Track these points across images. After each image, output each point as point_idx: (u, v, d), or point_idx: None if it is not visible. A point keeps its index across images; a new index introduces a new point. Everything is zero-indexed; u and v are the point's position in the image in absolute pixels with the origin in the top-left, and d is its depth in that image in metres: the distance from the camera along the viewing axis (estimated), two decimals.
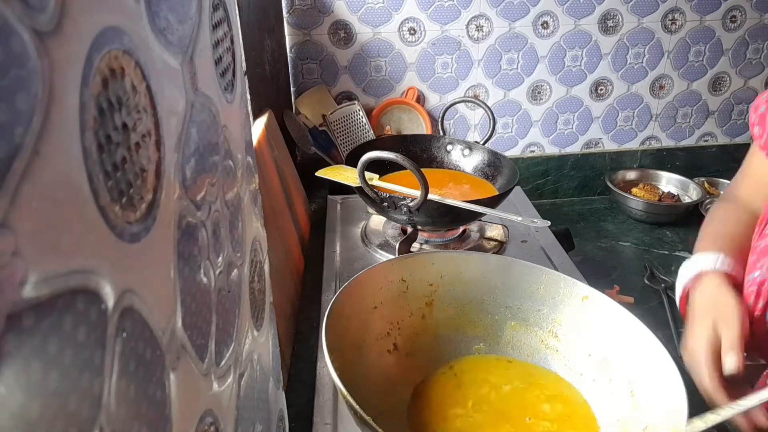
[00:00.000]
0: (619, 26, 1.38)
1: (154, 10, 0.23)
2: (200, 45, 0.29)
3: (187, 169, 0.27)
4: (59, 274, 0.16)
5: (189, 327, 0.26)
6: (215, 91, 0.32)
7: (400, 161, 0.72)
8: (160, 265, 0.23)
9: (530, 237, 0.96)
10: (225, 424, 0.32)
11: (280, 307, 0.69)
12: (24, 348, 0.14)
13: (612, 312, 0.58)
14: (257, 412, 0.41)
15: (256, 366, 0.41)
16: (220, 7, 0.34)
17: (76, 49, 0.17)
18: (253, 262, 0.41)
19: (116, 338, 0.19)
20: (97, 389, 0.18)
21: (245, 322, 0.38)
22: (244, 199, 0.39)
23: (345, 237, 0.97)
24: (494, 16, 1.33)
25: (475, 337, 0.64)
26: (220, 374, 0.31)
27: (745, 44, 1.45)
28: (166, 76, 0.24)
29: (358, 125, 1.31)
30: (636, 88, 1.46)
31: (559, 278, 0.62)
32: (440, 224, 0.91)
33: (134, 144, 0.21)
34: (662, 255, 1.24)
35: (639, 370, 0.54)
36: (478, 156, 1.04)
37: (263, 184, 0.63)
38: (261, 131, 0.84)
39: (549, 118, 1.46)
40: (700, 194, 1.36)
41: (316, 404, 0.62)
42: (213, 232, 0.31)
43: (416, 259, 0.64)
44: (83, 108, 0.17)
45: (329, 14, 1.29)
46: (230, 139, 0.35)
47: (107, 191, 0.18)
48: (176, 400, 0.24)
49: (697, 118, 1.53)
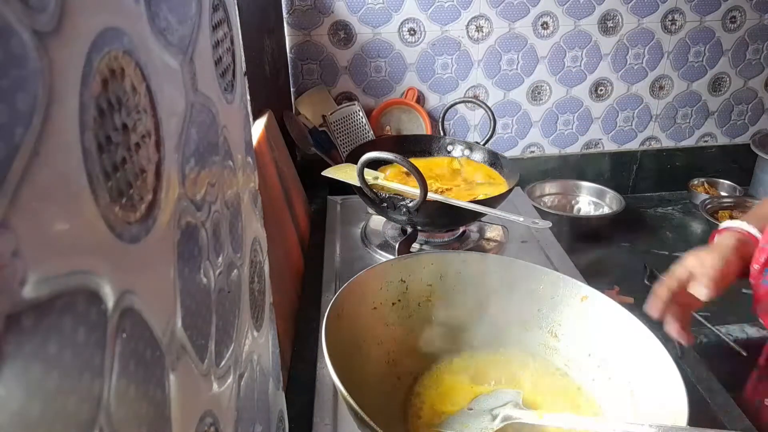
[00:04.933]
0: (619, 27, 1.38)
1: (154, 11, 0.23)
2: (200, 45, 0.29)
3: (187, 170, 0.27)
4: (59, 274, 0.16)
5: (189, 327, 0.26)
6: (215, 91, 0.32)
7: (400, 162, 0.72)
8: (160, 266, 0.23)
9: (530, 237, 0.96)
10: (225, 425, 0.32)
11: (280, 307, 0.69)
12: (24, 348, 0.14)
13: (612, 312, 0.58)
14: (257, 412, 0.41)
15: (255, 366, 0.41)
16: (220, 7, 0.34)
17: (76, 49, 0.17)
18: (253, 262, 0.41)
19: (116, 339, 0.19)
20: (97, 390, 0.18)
21: (245, 323, 0.38)
22: (244, 199, 0.39)
23: (345, 237, 0.97)
24: (494, 16, 1.33)
25: (475, 336, 0.64)
26: (219, 375, 0.31)
27: (744, 45, 1.45)
28: (166, 77, 0.24)
29: (358, 126, 1.31)
30: (636, 88, 1.46)
31: (559, 278, 0.62)
32: (440, 224, 0.91)
33: (134, 144, 0.21)
34: (662, 255, 1.24)
35: (639, 370, 0.54)
36: (479, 156, 1.04)
37: (263, 184, 0.63)
38: (261, 131, 0.84)
39: (549, 118, 1.46)
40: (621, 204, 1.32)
41: (316, 404, 0.62)
42: (213, 233, 0.31)
43: (416, 259, 0.64)
44: (83, 108, 0.17)
45: (329, 15, 1.29)
46: (230, 140, 0.35)
47: (107, 192, 0.18)
48: (176, 400, 0.24)
49: (697, 118, 1.53)
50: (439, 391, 0.59)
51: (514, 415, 0.52)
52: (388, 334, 0.60)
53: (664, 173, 1.55)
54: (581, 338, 0.60)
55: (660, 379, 0.50)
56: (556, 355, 0.62)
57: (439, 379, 0.60)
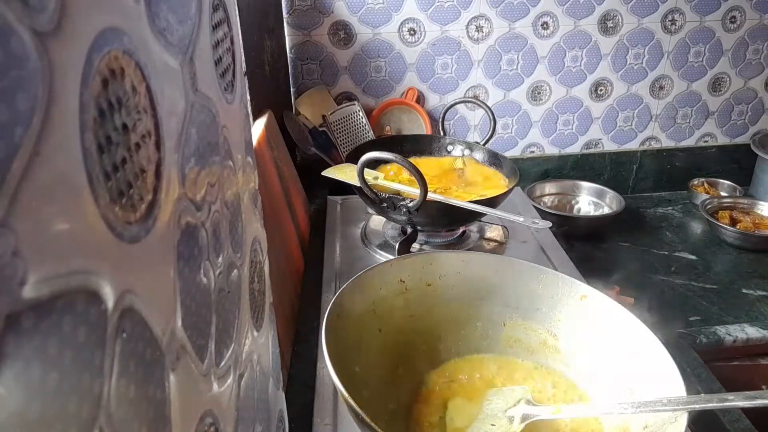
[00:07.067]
0: (619, 27, 1.38)
1: (154, 11, 0.23)
2: (200, 46, 0.29)
3: (187, 170, 0.27)
4: (59, 274, 0.16)
5: (189, 327, 0.26)
6: (215, 91, 0.32)
7: (400, 162, 0.72)
8: (160, 266, 0.23)
9: (530, 237, 0.96)
10: (225, 425, 0.32)
11: (279, 307, 0.69)
12: (24, 349, 0.14)
13: (612, 312, 0.58)
14: (257, 412, 0.41)
15: (255, 366, 0.41)
16: (220, 7, 0.34)
17: (76, 49, 0.17)
18: (253, 262, 0.41)
19: (116, 339, 0.19)
20: (97, 390, 0.18)
21: (245, 323, 0.38)
22: (244, 199, 0.39)
23: (345, 237, 0.97)
24: (494, 16, 1.33)
25: (474, 337, 0.64)
26: (219, 375, 0.31)
27: (744, 45, 1.45)
28: (166, 77, 0.24)
29: (358, 126, 1.31)
30: (636, 88, 1.46)
31: (558, 277, 0.62)
32: (440, 224, 0.91)
33: (134, 144, 0.21)
34: (662, 255, 1.24)
35: (639, 369, 0.54)
36: (479, 156, 1.04)
37: (263, 184, 0.63)
38: (261, 131, 0.84)
39: (549, 118, 1.46)
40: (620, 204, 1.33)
41: (316, 404, 0.62)
42: (213, 233, 0.31)
43: (415, 259, 0.64)
44: (83, 108, 0.17)
45: (329, 15, 1.29)
46: (230, 140, 0.35)
47: (107, 192, 0.18)
48: (176, 400, 0.24)
49: (697, 118, 1.53)
50: (439, 390, 0.59)
51: (532, 413, 0.51)
52: (388, 334, 0.60)
53: (664, 173, 1.55)
54: (581, 338, 0.60)
55: (659, 379, 0.50)
56: (556, 354, 0.62)
57: (439, 378, 0.60)
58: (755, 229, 1.27)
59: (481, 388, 0.59)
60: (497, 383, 0.60)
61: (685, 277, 1.15)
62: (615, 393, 0.55)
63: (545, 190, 1.44)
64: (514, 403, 0.54)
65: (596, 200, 1.42)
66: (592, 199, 1.43)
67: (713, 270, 1.18)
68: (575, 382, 0.59)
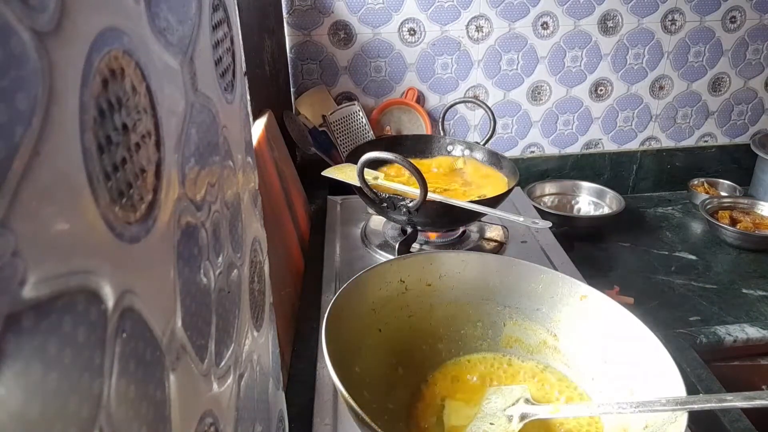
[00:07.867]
0: (619, 27, 1.38)
1: (154, 11, 0.23)
2: (200, 46, 0.29)
3: (187, 170, 0.27)
4: (59, 274, 0.16)
5: (189, 327, 0.26)
6: (215, 91, 0.32)
7: (400, 162, 0.72)
8: (160, 266, 0.23)
9: (530, 237, 0.96)
10: (225, 425, 0.32)
11: (279, 307, 0.69)
12: (24, 348, 0.14)
13: (612, 312, 0.58)
14: (257, 412, 0.41)
15: (255, 366, 0.41)
16: (220, 7, 0.34)
17: (76, 49, 0.17)
18: (253, 262, 0.41)
19: (116, 339, 0.19)
20: (97, 390, 0.18)
21: (245, 323, 0.38)
22: (244, 199, 0.39)
23: (345, 237, 0.97)
24: (494, 16, 1.33)
25: (474, 337, 0.64)
26: (219, 375, 0.31)
27: (744, 45, 1.45)
28: (166, 77, 0.24)
29: (358, 126, 1.31)
30: (636, 88, 1.46)
31: (558, 277, 0.62)
32: (440, 224, 0.91)
33: (134, 144, 0.21)
34: (662, 255, 1.24)
35: (638, 369, 0.54)
36: (479, 156, 1.04)
37: (263, 184, 0.63)
38: (261, 131, 0.84)
39: (549, 118, 1.46)
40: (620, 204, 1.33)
41: (316, 404, 0.62)
42: (213, 233, 0.31)
43: (415, 259, 0.64)
44: (83, 108, 0.17)
45: (329, 15, 1.29)
46: (230, 140, 0.35)
47: (107, 192, 0.18)
48: (176, 400, 0.24)
49: (697, 118, 1.53)
50: (439, 390, 0.59)
51: (530, 412, 0.51)
52: (388, 334, 0.60)
53: (664, 173, 1.55)
54: (581, 337, 0.60)
55: (659, 379, 0.50)
56: (555, 354, 0.62)
57: (439, 378, 0.60)
58: (755, 229, 1.27)
59: (481, 388, 0.59)
60: (497, 383, 0.60)
61: (685, 277, 1.15)
62: (615, 393, 0.55)
63: (545, 190, 1.44)
64: (513, 402, 0.54)
65: (596, 200, 1.42)
66: (592, 199, 1.43)
67: (713, 270, 1.18)
68: (575, 382, 0.59)
